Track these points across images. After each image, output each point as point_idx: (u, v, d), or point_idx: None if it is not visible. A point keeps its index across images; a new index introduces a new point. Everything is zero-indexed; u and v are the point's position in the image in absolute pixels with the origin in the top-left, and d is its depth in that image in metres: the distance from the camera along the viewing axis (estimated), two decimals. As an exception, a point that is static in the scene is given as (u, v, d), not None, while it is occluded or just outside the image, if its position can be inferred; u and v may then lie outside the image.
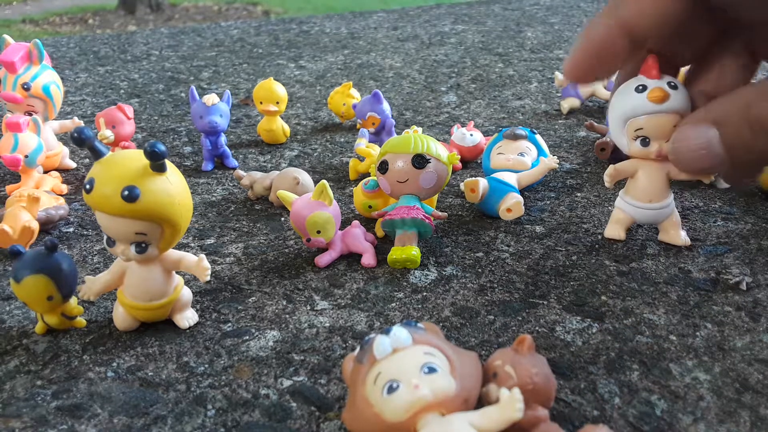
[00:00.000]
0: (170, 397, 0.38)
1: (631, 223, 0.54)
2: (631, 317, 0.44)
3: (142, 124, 0.90)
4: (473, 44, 1.37)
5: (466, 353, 0.33)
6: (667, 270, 0.50)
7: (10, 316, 0.46)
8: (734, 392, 0.37)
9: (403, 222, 0.52)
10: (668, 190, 0.51)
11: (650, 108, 0.45)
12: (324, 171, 0.73)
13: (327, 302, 0.47)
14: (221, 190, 0.68)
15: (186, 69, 1.22)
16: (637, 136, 0.48)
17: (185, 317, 0.44)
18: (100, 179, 0.38)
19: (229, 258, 0.54)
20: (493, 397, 0.32)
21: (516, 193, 0.58)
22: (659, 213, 0.52)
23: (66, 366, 0.41)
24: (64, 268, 0.42)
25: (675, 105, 0.45)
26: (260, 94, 0.79)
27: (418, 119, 0.90)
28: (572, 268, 0.51)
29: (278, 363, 0.41)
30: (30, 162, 0.63)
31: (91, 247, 0.57)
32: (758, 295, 0.46)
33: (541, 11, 1.72)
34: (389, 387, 0.30)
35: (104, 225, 0.39)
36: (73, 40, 1.52)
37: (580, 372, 0.39)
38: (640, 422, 0.35)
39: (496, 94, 1.01)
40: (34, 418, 0.36)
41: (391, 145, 0.53)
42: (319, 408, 0.37)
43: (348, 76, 1.16)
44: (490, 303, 0.46)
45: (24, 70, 0.69)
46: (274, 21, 1.76)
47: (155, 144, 0.37)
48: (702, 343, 0.41)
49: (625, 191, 0.53)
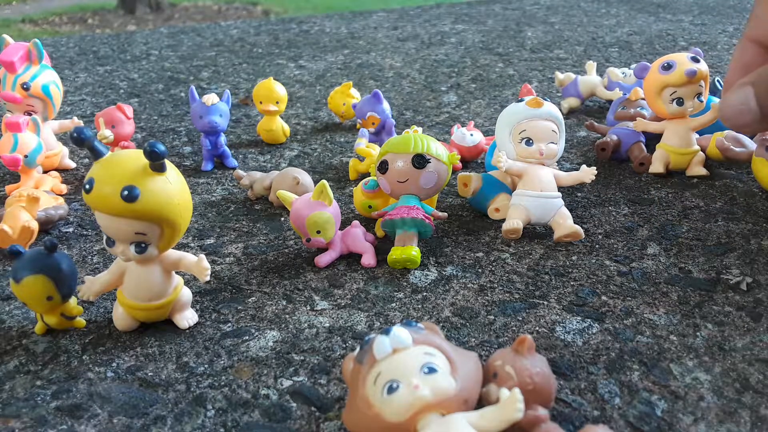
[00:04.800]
0: (170, 398, 0.38)
1: (527, 216, 0.55)
2: (632, 317, 0.44)
3: (142, 124, 0.90)
4: (473, 44, 1.37)
5: (466, 353, 0.33)
6: (668, 270, 0.50)
7: (10, 317, 0.46)
8: (734, 392, 0.37)
9: (403, 222, 0.52)
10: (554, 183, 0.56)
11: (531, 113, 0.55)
12: (324, 171, 0.72)
13: (327, 302, 0.47)
14: (221, 190, 0.68)
15: (186, 69, 1.22)
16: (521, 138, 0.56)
17: (185, 317, 0.44)
18: (100, 179, 0.37)
19: (228, 258, 0.54)
20: (494, 397, 0.32)
21: (507, 194, 0.58)
22: (548, 202, 0.55)
23: (66, 366, 0.41)
24: (64, 268, 0.42)
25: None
26: (260, 93, 0.79)
27: (418, 119, 0.90)
28: (572, 268, 0.51)
29: (278, 363, 0.41)
30: (29, 162, 0.63)
31: (90, 247, 0.56)
32: (759, 295, 0.46)
33: (541, 11, 1.72)
34: (389, 387, 0.30)
35: (104, 225, 0.39)
36: (73, 40, 1.51)
37: (580, 372, 0.39)
38: (641, 422, 0.35)
39: (497, 94, 1.01)
40: (34, 418, 0.36)
41: (391, 145, 0.53)
42: (319, 408, 0.37)
43: (348, 75, 1.16)
44: (490, 303, 0.46)
45: (23, 70, 0.68)
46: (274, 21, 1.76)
47: (155, 144, 0.37)
48: (702, 343, 0.41)
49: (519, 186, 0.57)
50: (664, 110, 0.64)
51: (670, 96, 0.63)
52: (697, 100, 0.63)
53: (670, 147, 0.65)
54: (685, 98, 0.63)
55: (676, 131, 0.65)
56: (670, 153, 0.65)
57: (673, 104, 0.63)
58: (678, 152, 0.65)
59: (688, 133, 0.65)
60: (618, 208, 0.61)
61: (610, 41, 1.34)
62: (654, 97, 0.65)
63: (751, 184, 0.64)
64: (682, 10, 1.64)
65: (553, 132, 0.56)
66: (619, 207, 0.61)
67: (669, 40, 1.34)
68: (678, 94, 0.63)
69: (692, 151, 0.65)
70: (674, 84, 0.62)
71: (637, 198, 0.63)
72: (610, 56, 1.22)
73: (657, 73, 0.63)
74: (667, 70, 0.63)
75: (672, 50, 1.24)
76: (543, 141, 0.56)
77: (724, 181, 0.65)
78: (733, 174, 0.67)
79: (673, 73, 0.62)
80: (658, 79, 0.63)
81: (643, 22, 1.52)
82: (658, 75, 0.63)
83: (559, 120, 0.57)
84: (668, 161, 0.65)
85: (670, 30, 1.42)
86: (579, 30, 1.46)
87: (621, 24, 1.51)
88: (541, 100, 0.56)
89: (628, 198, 0.63)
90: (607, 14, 1.63)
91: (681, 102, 0.63)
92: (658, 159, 0.66)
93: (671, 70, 0.62)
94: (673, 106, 0.63)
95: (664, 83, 0.63)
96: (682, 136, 0.65)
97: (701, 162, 0.65)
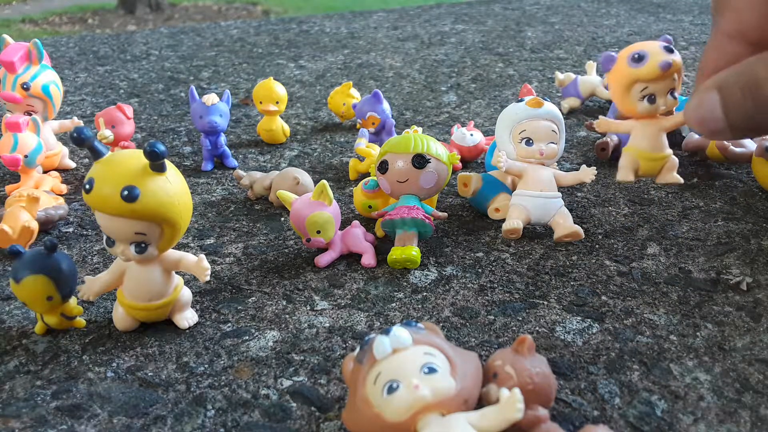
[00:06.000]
0: (170, 398, 0.38)
1: (527, 216, 0.55)
2: (632, 317, 0.44)
3: (142, 124, 0.90)
4: (473, 44, 1.37)
5: (466, 353, 0.33)
6: (668, 270, 0.50)
7: (10, 317, 0.46)
8: (734, 392, 0.37)
9: (403, 222, 0.52)
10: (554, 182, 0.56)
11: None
12: (324, 171, 0.72)
13: (327, 302, 0.47)
14: (221, 190, 0.68)
15: (186, 69, 1.22)
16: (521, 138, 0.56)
17: (185, 317, 0.44)
18: (100, 179, 0.37)
19: (228, 258, 0.54)
20: (493, 397, 0.32)
21: (507, 194, 0.58)
22: (548, 202, 0.55)
23: (65, 366, 0.41)
24: (64, 268, 0.42)
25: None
26: (260, 93, 0.79)
27: (418, 119, 0.90)
28: (572, 268, 0.51)
29: (278, 363, 0.41)
30: (29, 162, 0.63)
31: (90, 247, 0.57)
32: (758, 295, 0.46)
33: (541, 11, 1.72)
34: (389, 387, 0.30)
35: (104, 225, 0.39)
36: (73, 40, 1.51)
37: (580, 372, 0.39)
38: (641, 422, 0.35)
39: (497, 94, 1.01)
40: (34, 418, 0.36)
41: (391, 145, 0.53)
42: (319, 408, 0.37)
43: (348, 75, 1.16)
44: (490, 303, 0.46)
45: (23, 70, 0.68)
46: (274, 21, 1.76)
47: (155, 144, 0.37)
48: (702, 343, 0.41)
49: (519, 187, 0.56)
50: (634, 108, 0.55)
51: (640, 92, 0.54)
52: (670, 96, 0.54)
53: (640, 151, 0.55)
54: (657, 95, 0.54)
55: (646, 132, 0.55)
56: (640, 158, 0.55)
57: (644, 101, 0.54)
58: (648, 157, 0.55)
59: (659, 134, 0.55)
60: (618, 208, 0.61)
61: (610, 41, 1.34)
62: (622, 93, 0.55)
63: (751, 184, 0.64)
64: (682, 10, 1.64)
65: (553, 132, 0.56)
66: (619, 207, 0.61)
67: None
68: (650, 90, 0.54)
69: (664, 156, 0.56)
70: (646, 78, 0.53)
71: (637, 198, 0.63)
72: (610, 56, 1.22)
73: (626, 66, 0.54)
74: (637, 62, 0.53)
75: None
76: (543, 141, 0.55)
77: (724, 181, 0.65)
78: (733, 174, 0.67)
79: (645, 65, 0.53)
80: (627, 73, 0.54)
81: (643, 22, 1.52)
82: (627, 68, 0.54)
83: (559, 120, 0.57)
84: (637, 167, 0.56)
85: (670, 30, 1.42)
86: (579, 30, 1.46)
87: (621, 24, 1.51)
88: (541, 100, 0.56)
89: (628, 198, 0.63)
90: (607, 14, 1.63)
91: (653, 99, 0.54)
92: (625, 165, 0.56)
93: (643, 62, 0.53)
94: (644, 104, 0.54)
95: (634, 77, 0.53)
96: (652, 138, 0.55)
97: (674, 168, 0.56)
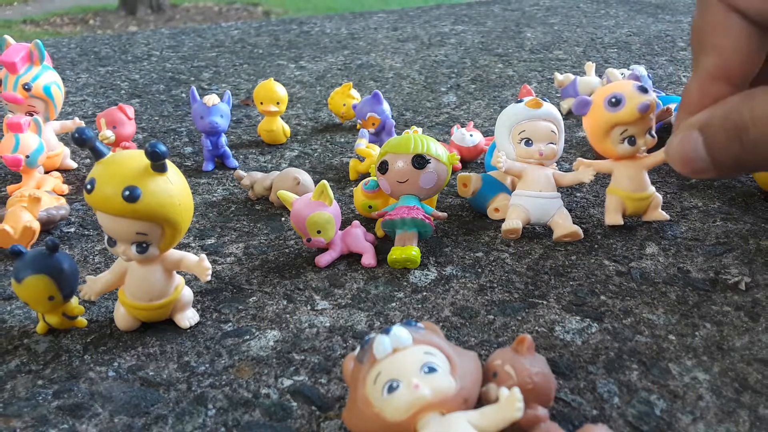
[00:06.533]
0: (171, 397, 0.38)
1: (526, 216, 0.55)
2: (631, 317, 0.44)
3: (143, 125, 0.90)
4: (473, 45, 1.37)
5: (466, 353, 0.34)
6: (666, 270, 0.50)
7: (12, 316, 0.46)
8: (733, 392, 0.37)
9: (403, 222, 0.52)
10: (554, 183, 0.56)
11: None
12: (324, 171, 0.73)
13: (327, 302, 0.47)
14: (222, 191, 0.68)
15: (187, 69, 1.23)
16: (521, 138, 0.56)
17: (186, 317, 0.45)
18: (101, 179, 0.38)
19: (229, 258, 0.54)
20: (493, 396, 0.32)
21: (507, 194, 0.58)
22: (548, 202, 0.55)
23: (67, 366, 0.41)
24: (65, 268, 0.42)
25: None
26: (261, 94, 0.79)
27: (418, 119, 0.90)
28: (572, 268, 0.51)
29: (279, 363, 0.41)
30: (31, 162, 0.64)
31: (92, 247, 0.57)
32: (757, 295, 0.46)
33: (541, 12, 1.72)
34: (389, 387, 0.30)
35: (105, 225, 0.39)
36: (74, 41, 1.52)
37: (579, 372, 0.39)
38: (640, 422, 0.35)
39: (496, 95, 1.01)
40: (35, 418, 0.37)
41: (391, 145, 0.54)
42: (320, 408, 0.37)
43: (348, 76, 1.16)
44: (490, 303, 0.47)
45: (25, 71, 0.69)
46: (275, 21, 1.77)
47: (156, 144, 0.37)
48: (701, 342, 0.41)
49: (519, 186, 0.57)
50: (613, 151, 0.55)
51: (620, 135, 0.54)
52: (649, 136, 0.54)
53: (624, 192, 0.55)
54: (637, 136, 0.54)
55: (629, 173, 0.55)
56: (625, 199, 0.55)
57: (625, 143, 0.54)
58: (634, 197, 0.55)
59: (641, 173, 0.55)
60: (617, 208, 0.61)
61: (609, 42, 1.34)
62: (601, 137, 0.55)
63: (749, 184, 0.64)
64: (681, 10, 1.64)
65: (553, 132, 0.56)
66: (618, 207, 0.61)
67: (668, 40, 1.34)
68: (629, 132, 0.54)
69: (649, 195, 0.55)
70: (625, 122, 0.53)
71: (637, 198, 0.63)
72: (609, 57, 1.22)
73: (603, 111, 0.54)
74: (615, 106, 0.53)
75: (671, 51, 1.24)
76: (542, 141, 0.56)
77: (722, 181, 0.66)
78: (733, 174, 0.67)
79: (623, 109, 0.53)
80: (604, 117, 0.54)
81: (642, 22, 1.52)
82: (604, 112, 0.53)
83: (558, 120, 0.57)
84: (624, 208, 0.55)
85: (669, 31, 1.42)
86: (578, 31, 1.46)
87: (620, 25, 1.51)
88: (541, 101, 0.57)
89: (627, 198, 0.63)
90: (606, 15, 1.63)
91: (633, 141, 0.54)
92: (612, 208, 0.56)
93: (620, 106, 0.53)
94: (624, 146, 0.54)
95: (613, 121, 0.53)
96: (635, 179, 0.55)
97: (658, 205, 0.56)
